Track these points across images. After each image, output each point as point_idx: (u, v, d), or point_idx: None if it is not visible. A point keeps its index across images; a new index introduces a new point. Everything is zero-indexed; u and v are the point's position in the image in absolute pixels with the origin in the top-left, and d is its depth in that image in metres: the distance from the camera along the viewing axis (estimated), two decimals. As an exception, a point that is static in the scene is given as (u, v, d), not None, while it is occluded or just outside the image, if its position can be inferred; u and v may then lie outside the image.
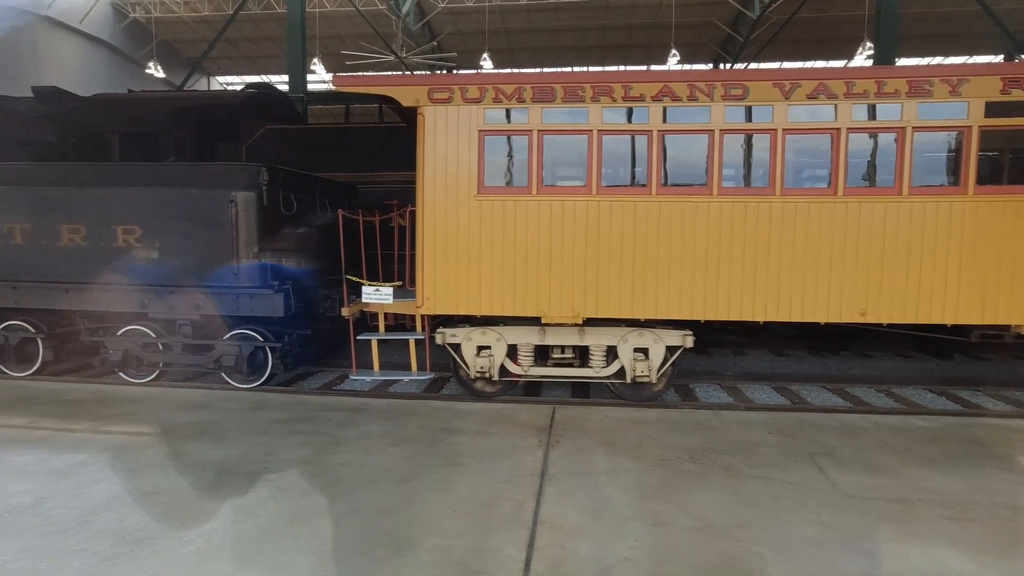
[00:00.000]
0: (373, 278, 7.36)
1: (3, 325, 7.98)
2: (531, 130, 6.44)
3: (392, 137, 9.66)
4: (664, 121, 6.30)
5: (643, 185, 6.43)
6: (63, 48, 24.10)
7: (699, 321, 6.66)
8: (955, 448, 5.41)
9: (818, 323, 6.43)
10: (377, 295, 6.86)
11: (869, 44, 21.98)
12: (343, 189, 9.24)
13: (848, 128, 6.14)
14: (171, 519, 3.95)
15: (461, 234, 6.57)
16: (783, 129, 6.19)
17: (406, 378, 7.08)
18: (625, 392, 7.30)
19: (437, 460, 5.05)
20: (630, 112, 6.39)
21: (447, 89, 6.45)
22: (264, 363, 7.75)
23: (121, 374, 7.90)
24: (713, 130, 6.26)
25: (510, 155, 6.57)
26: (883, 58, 16.03)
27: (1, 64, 19.98)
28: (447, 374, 8.26)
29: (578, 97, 6.34)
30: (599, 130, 6.38)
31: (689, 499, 4.32)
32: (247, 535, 3.77)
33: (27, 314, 7.96)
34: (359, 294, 7.11)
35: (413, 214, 6.96)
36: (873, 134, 6.24)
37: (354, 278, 7.07)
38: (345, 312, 7.01)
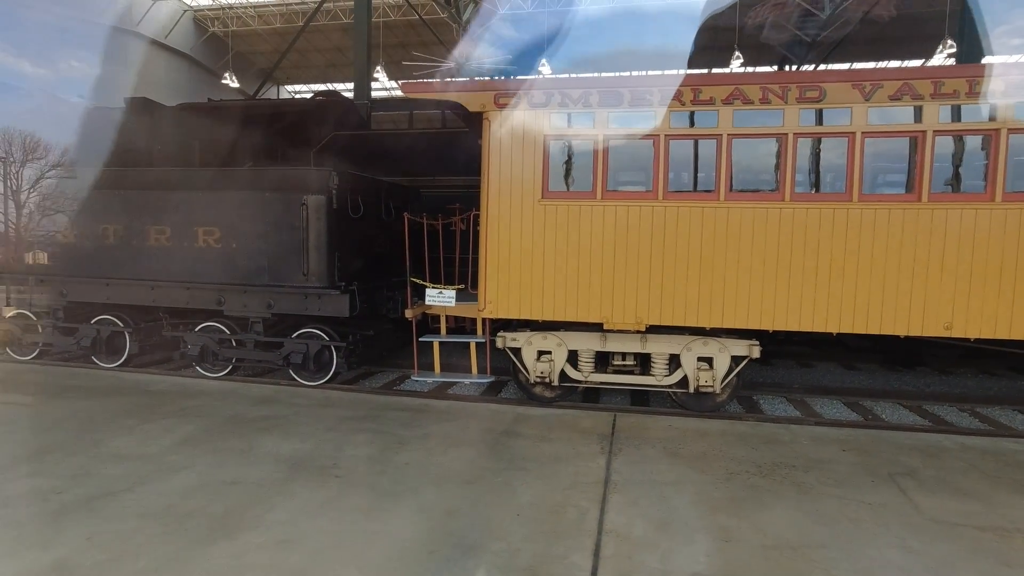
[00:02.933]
0: (434, 281, 7.48)
1: (96, 319, 8.57)
2: (597, 134, 6.41)
3: (453, 143, 9.83)
4: (734, 125, 6.14)
5: (711, 190, 6.28)
6: (149, 61, 25.74)
7: (766, 331, 6.45)
8: (1055, 475, 5.01)
9: (896, 336, 6.11)
10: (440, 297, 6.97)
11: (951, 42, 20.78)
12: (407, 193, 9.47)
13: (935, 131, 5.80)
14: (248, 510, 4.12)
15: (525, 238, 6.60)
16: (862, 132, 5.91)
17: (467, 380, 7.15)
18: (687, 402, 7.14)
19: (500, 463, 5.07)
20: (698, 116, 6.26)
21: (513, 94, 6.50)
22: (329, 361, 8.01)
23: (198, 368, 8.34)
24: (787, 134, 6.05)
25: (575, 159, 6.56)
26: (968, 56, 15.08)
27: (96, 76, 21.53)
28: (506, 378, 8.31)
29: (645, 101, 6.26)
30: (666, 135, 6.27)
31: (760, 515, 4.17)
32: (319, 529, 3.89)
33: (117, 309, 8.51)
34: (422, 296, 7.25)
35: (475, 218, 7.04)
36: (962, 137, 5.88)
37: (418, 280, 7.21)
38: (408, 314, 7.15)
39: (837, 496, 4.50)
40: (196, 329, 8.24)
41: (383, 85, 30.98)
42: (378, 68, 24.68)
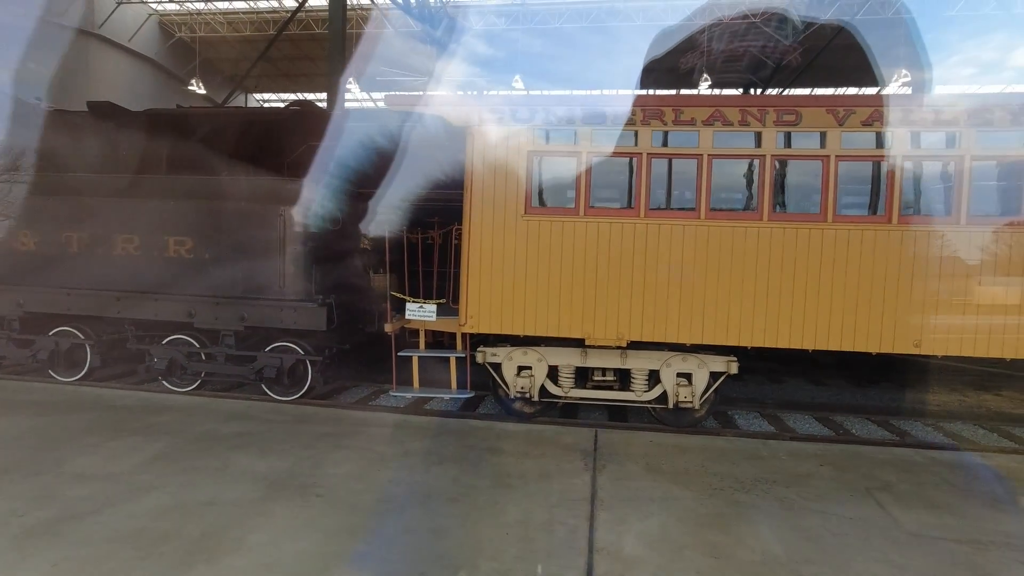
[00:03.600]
0: (412, 294, 7.39)
1: (55, 331, 8.18)
2: (580, 152, 6.47)
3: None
4: (714, 145, 6.28)
5: (692, 209, 6.40)
6: (112, 64, 25.00)
7: (743, 347, 6.56)
8: (1022, 488, 5.20)
9: (858, 353, 6.30)
10: (421, 312, 6.89)
11: (905, 72, 21.86)
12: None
13: (904, 156, 6.05)
14: (226, 531, 3.96)
15: (507, 254, 6.59)
16: (836, 155, 6.12)
17: (447, 396, 7.05)
18: (666, 417, 7.20)
19: (484, 481, 5.00)
20: (680, 136, 6.38)
21: (498, 110, 6.53)
22: (303, 376, 7.81)
23: (164, 382, 8.02)
24: (764, 155, 6.22)
25: (558, 176, 6.60)
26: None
27: (55, 80, 20.78)
28: (483, 393, 8.23)
29: (628, 120, 6.36)
30: (648, 153, 6.38)
31: (746, 531, 4.21)
32: (303, 551, 3.75)
33: (78, 320, 8.14)
34: (402, 310, 7.15)
35: (452, 232, 7.01)
36: (931, 162, 6.15)
37: (398, 294, 7.12)
38: (388, 328, 7.04)
39: (819, 511, 4.58)
40: (163, 342, 7.94)
41: (354, 96, 30.84)
42: (350, 79, 24.52)
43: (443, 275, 7.61)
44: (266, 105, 34.25)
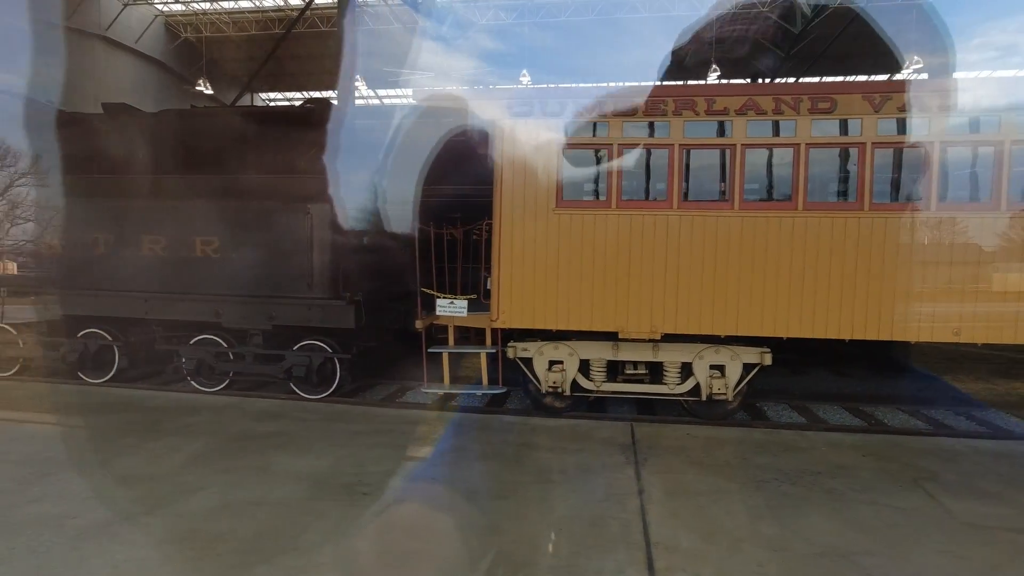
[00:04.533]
0: (439, 291, 7.36)
1: (83, 333, 8.19)
2: (611, 144, 6.42)
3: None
4: (748, 135, 6.22)
5: (725, 200, 6.34)
6: (119, 66, 25.00)
7: (773, 339, 6.51)
8: (1068, 476, 5.15)
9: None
10: (451, 308, 6.86)
11: (917, 58, 21.64)
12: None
13: (942, 142, 5.97)
14: (280, 531, 3.94)
15: (539, 248, 6.55)
16: (872, 143, 6.05)
17: (479, 392, 7.03)
18: (698, 409, 7.16)
19: (528, 477, 4.97)
20: (713, 126, 6.32)
21: (527, 103, 6.47)
22: (331, 374, 7.80)
23: (192, 382, 8.03)
24: (799, 143, 6.15)
25: (590, 169, 6.55)
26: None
27: (64, 81, 20.79)
28: (510, 388, 8.20)
29: (660, 111, 6.30)
30: (680, 144, 6.32)
31: (800, 523, 4.17)
32: (359, 550, 3.74)
33: (105, 322, 8.15)
34: (430, 307, 7.12)
35: (478, 229, 6.97)
36: (972, 148, 6.07)
37: (429, 291, 7.09)
38: (419, 325, 7.01)
39: (869, 502, 4.54)
40: (191, 342, 7.93)
41: (361, 94, 30.73)
42: (358, 77, 24.45)
43: (467, 271, 7.56)
44: (272, 104, 34.19)
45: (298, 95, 33.29)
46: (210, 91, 27.17)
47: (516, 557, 3.65)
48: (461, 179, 7.55)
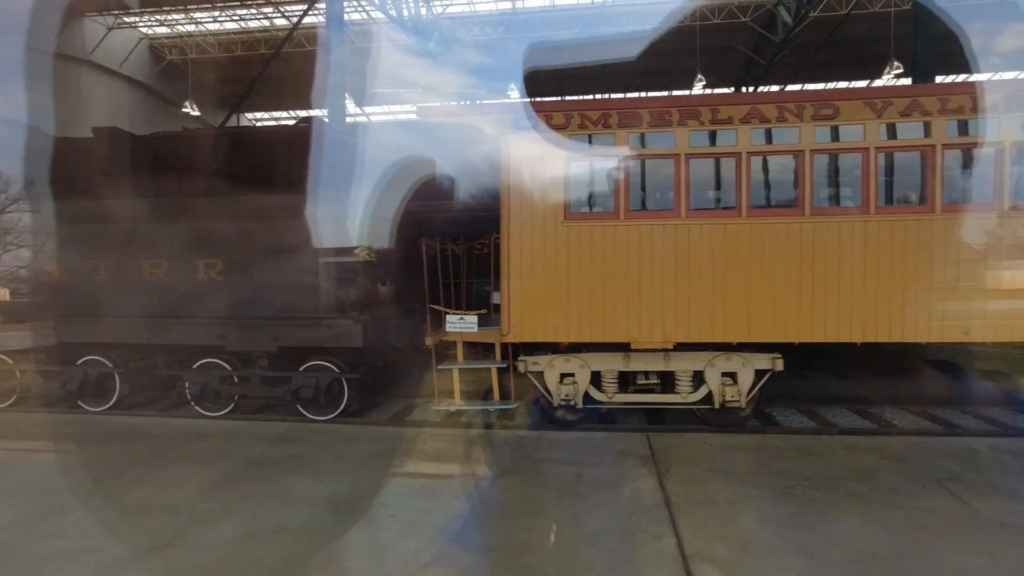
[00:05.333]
0: (445, 307, 7.31)
1: (83, 360, 8.02)
2: (618, 155, 6.45)
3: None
4: (752, 143, 6.28)
5: (732, 208, 6.38)
6: (104, 90, 24.85)
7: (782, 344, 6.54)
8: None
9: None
10: (462, 324, 6.81)
11: (897, 64, 22.09)
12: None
13: (943, 144, 6.07)
14: (308, 559, 3.85)
15: (548, 261, 6.54)
16: (875, 148, 6.14)
17: (492, 408, 6.97)
18: (710, 417, 7.15)
19: (551, 492, 4.91)
20: (718, 135, 6.38)
21: (532, 116, 6.49)
22: (339, 395, 7.70)
23: (197, 407, 7.89)
24: (803, 150, 6.22)
25: (597, 180, 6.57)
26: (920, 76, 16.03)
27: (50, 108, 20.61)
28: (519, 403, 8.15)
29: (665, 121, 6.35)
30: (686, 153, 6.36)
31: (831, 528, 4.15)
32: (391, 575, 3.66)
33: (106, 349, 8.00)
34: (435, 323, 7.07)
35: (487, 243, 6.96)
36: (972, 150, 6.17)
37: (438, 307, 7.04)
38: (429, 341, 6.96)
39: (896, 505, 4.53)
40: (195, 366, 7.81)
41: (348, 112, 30.69)
42: (345, 94, 24.44)
43: (469, 286, 7.54)
44: (258, 124, 34.09)
45: (283, 114, 33.25)
46: (197, 112, 27.04)
47: (554, 573, 3.59)
48: (464, 193, 7.55)
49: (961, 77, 26.36)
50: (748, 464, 5.51)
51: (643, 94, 29.12)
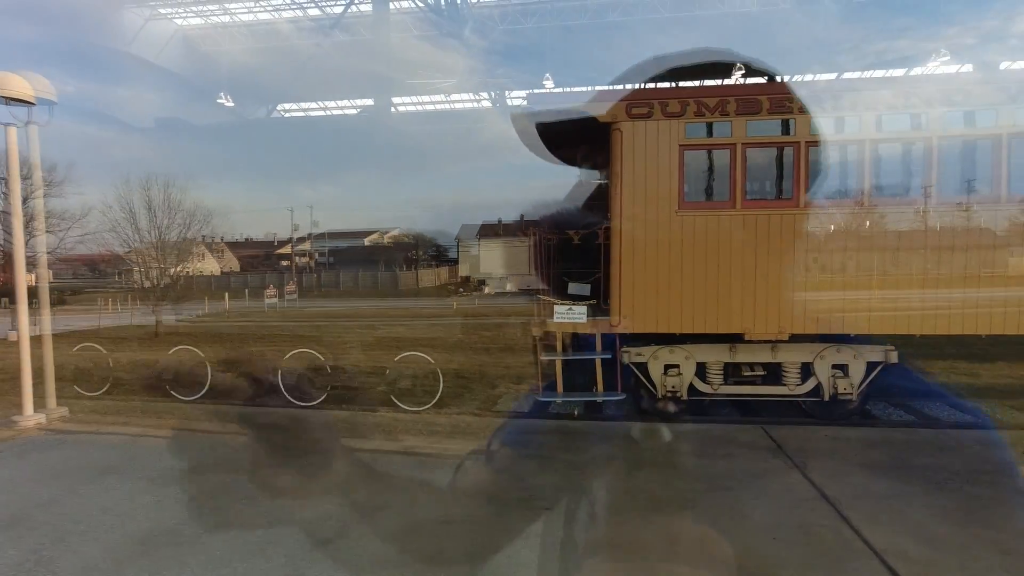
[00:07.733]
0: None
1: (174, 348, 8.03)
2: (734, 143, 6.32)
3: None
4: (879, 130, 6.13)
5: (854, 196, 6.25)
6: (144, 81, 24.94)
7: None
8: None
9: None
10: (570, 315, 6.73)
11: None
12: None
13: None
14: (476, 548, 3.80)
15: (661, 250, 6.45)
16: (1007, 134, 5.97)
17: (599, 399, 6.89)
18: (815, 410, 7.04)
19: (698, 484, 4.85)
20: (838, 123, 6.23)
21: (647, 104, 6.38)
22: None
23: None
24: (931, 136, 6.07)
25: (712, 169, 6.45)
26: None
27: (105, 98, 20.68)
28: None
29: (786, 108, 6.21)
30: (806, 141, 6.22)
31: (1012, 525, 4.05)
32: (564, 568, 3.60)
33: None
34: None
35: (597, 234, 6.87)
36: None
37: (547, 298, 6.97)
38: (535, 332, 6.89)
39: (1065, 501, 4.43)
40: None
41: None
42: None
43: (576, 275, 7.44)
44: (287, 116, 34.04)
45: (314, 105, 33.22)
46: (231, 104, 27.11)
47: (751, 569, 3.52)
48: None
49: None
50: (882, 458, 5.41)
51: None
